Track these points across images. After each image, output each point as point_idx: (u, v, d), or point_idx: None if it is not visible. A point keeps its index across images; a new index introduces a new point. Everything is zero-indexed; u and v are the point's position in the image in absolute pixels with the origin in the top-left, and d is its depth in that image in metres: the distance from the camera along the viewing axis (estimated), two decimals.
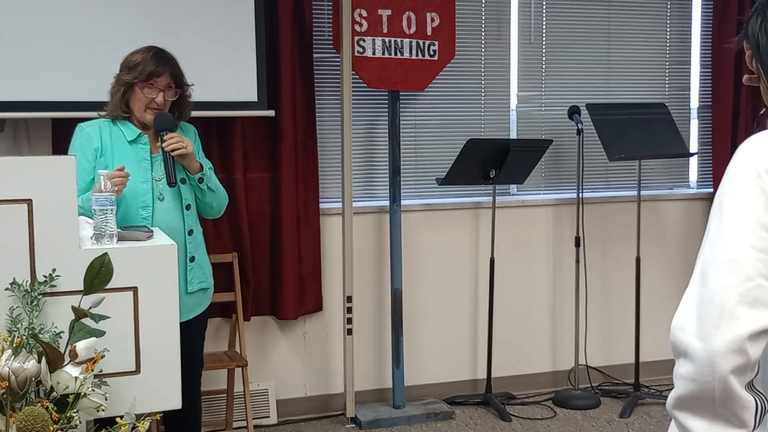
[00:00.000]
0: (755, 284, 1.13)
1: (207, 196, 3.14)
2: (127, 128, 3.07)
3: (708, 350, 1.12)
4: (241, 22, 4.02)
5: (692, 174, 5.20)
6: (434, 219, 4.66)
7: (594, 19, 4.90)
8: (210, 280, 3.25)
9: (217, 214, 3.29)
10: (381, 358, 4.60)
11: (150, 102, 3.04)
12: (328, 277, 4.47)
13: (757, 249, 1.14)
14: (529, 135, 4.81)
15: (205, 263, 3.21)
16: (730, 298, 1.13)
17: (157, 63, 3.03)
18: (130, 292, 2.32)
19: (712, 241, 1.18)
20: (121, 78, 3.06)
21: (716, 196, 1.21)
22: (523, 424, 4.36)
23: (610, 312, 4.97)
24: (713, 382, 1.11)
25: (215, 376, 4.20)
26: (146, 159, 3.06)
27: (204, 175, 3.10)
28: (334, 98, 4.40)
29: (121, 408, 2.21)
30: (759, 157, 1.18)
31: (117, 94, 3.06)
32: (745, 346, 1.11)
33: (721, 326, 1.12)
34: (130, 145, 3.05)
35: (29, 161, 2.43)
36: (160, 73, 3.04)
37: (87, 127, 3.07)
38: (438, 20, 4.41)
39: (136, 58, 3.06)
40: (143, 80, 3.02)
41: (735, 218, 1.16)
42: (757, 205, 1.16)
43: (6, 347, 2.06)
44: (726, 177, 1.21)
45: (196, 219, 3.17)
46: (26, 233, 2.23)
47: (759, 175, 1.17)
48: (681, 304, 1.19)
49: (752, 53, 1.31)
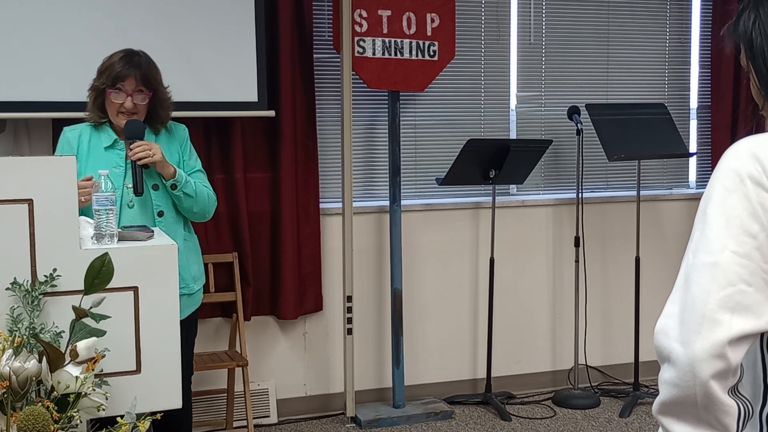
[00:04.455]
0: (737, 290, 1.13)
1: (184, 202, 3.05)
2: (105, 134, 3.04)
3: (689, 355, 1.12)
4: (241, 23, 4.02)
5: (692, 174, 5.21)
6: (434, 219, 4.67)
7: (594, 20, 4.91)
8: (193, 286, 3.16)
9: (202, 218, 3.20)
10: (381, 357, 4.61)
11: (120, 107, 2.99)
12: (328, 277, 4.47)
13: (740, 254, 1.14)
14: (528, 135, 4.82)
15: (185, 269, 3.07)
16: (712, 303, 1.13)
17: (122, 66, 2.97)
18: (130, 291, 2.32)
19: (695, 245, 1.18)
20: (93, 83, 3.04)
21: (701, 201, 1.21)
22: (523, 424, 4.36)
23: (610, 312, 4.97)
24: (695, 387, 1.11)
25: (215, 375, 4.21)
26: (120, 165, 3.01)
27: (177, 181, 3.01)
28: (334, 98, 4.40)
29: (121, 407, 2.22)
30: (743, 162, 1.18)
31: (91, 99, 3.04)
32: (725, 352, 1.11)
33: (702, 331, 1.12)
34: (106, 152, 3.02)
35: (30, 161, 2.43)
36: (125, 77, 2.97)
37: (69, 131, 3.06)
38: (438, 21, 4.41)
39: (105, 63, 3.02)
40: (110, 85, 2.98)
41: (718, 223, 1.16)
42: (740, 210, 1.16)
43: (7, 347, 2.07)
44: (711, 182, 1.21)
45: (174, 226, 3.07)
46: (27, 233, 2.23)
47: (742, 180, 1.17)
48: (665, 309, 1.19)
49: (744, 51, 1.30)
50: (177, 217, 3.11)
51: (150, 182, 3.01)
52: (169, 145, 3.12)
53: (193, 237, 3.24)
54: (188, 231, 3.20)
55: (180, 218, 3.13)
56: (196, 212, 3.12)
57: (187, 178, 3.06)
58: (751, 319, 1.13)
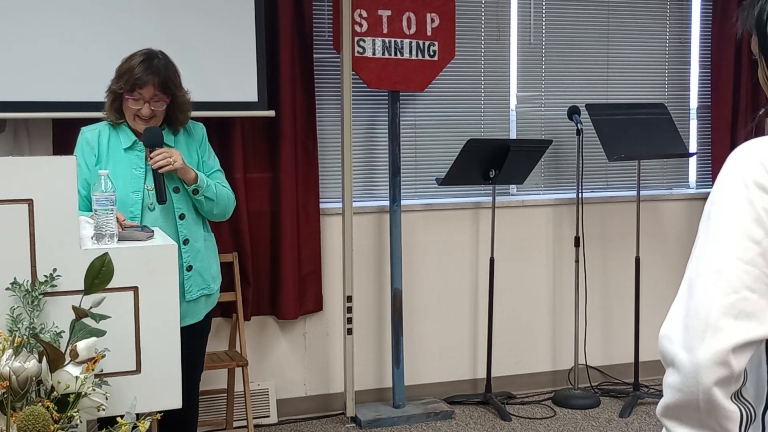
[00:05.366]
0: (740, 296, 1.13)
1: (205, 206, 3.06)
2: (124, 134, 3.03)
3: (693, 362, 1.12)
4: (241, 23, 4.02)
5: (691, 174, 5.21)
6: (434, 219, 4.67)
7: (594, 20, 4.91)
8: (213, 286, 3.18)
9: (222, 218, 3.22)
10: (381, 357, 4.61)
11: (137, 112, 2.97)
12: (328, 277, 4.47)
13: (744, 261, 1.14)
14: (528, 135, 4.82)
15: (205, 269, 3.12)
16: (715, 310, 1.12)
17: (141, 72, 2.93)
18: (130, 291, 2.32)
19: (699, 251, 1.18)
20: (111, 86, 3.01)
21: (705, 207, 1.21)
22: (523, 424, 4.36)
23: (610, 312, 4.98)
24: (698, 393, 1.11)
25: (215, 375, 4.21)
26: (140, 167, 3.00)
27: (199, 186, 3.01)
28: (334, 98, 4.40)
29: (121, 407, 2.22)
30: (747, 168, 1.17)
31: (108, 101, 3.02)
32: (728, 359, 1.11)
33: (705, 338, 1.12)
34: (125, 153, 3.01)
35: (30, 161, 2.44)
36: (143, 84, 2.93)
37: (87, 131, 3.05)
38: (438, 21, 4.41)
39: (124, 66, 2.98)
40: (128, 91, 2.95)
41: (722, 229, 1.16)
42: (744, 216, 1.15)
43: (7, 347, 2.07)
44: (715, 187, 1.20)
45: (195, 227, 3.09)
46: (27, 233, 2.23)
47: (746, 186, 1.16)
48: (669, 314, 1.19)
49: (757, 40, 1.28)
50: (197, 219, 3.12)
51: (171, 185, 3.01)
52: (188, 146, 3.12)
53: (211, 236, 3.25)
54: (207, 231, 3.21)
55: (200, 219, 3.14)
56: (216, 214, 3.14)
57: (208, 181, 3.06)
58: (754, 326, 1.12)
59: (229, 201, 3.18)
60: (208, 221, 3.23)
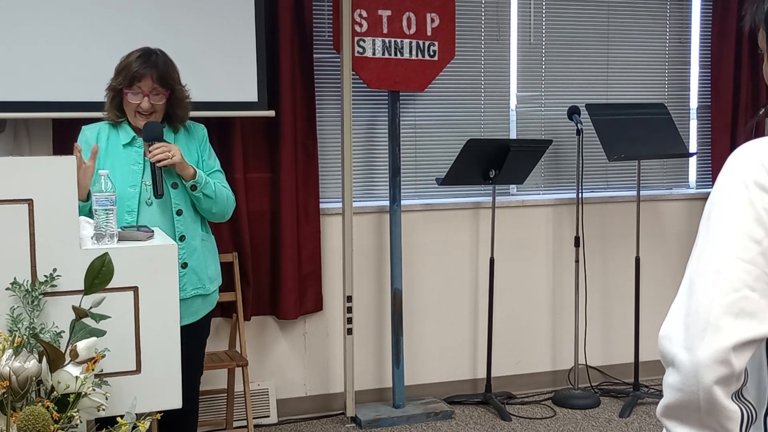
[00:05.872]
0: (741, 295, 1.13)
1: (203, 203, 3.06)
2: (123, 131, 3.04)
3: (693, 361, 1.12)
4: (241, 23, 4.02)
5: (692, 174, 5.21)
6: (434, 219, 4.67)
7: (593, 20, 4.91)
8: (210, 286, 3.17)
9: (221, 219, 3.21)
10: (381, 357, 4.61)
11: (137, 107, 2.99)
12: (328, 277, 4.47)
13: (744, 260, 1.14)
14: (528, 135, 4.82)
15: (202, 269, 3.11)
16: (716, 309, 1.12)
17: (139, 66, 2.96)
18: (130, 291, 2.32)
19: (699, 251, 1.18)
20: (111, 83, 3.04)
21: (705, 207, 1.21)
22: (523, 424, 4.36)
23: (610, 312, 4.98)
24: (698, 392, 1.11)
25: (215, 375, 4.21)
26: (138, 163, 3.01)
27: (197, 182, 3.01)
28: (334, 98, 4.40)
29: (121, 407, 2.22)
30: (747, 168, 1.18)
31: (108, 99, 3.04)
32: (729, 358, 1.11)
33: (705, 337, 1.12)
34: (124, 149, 3.02)
35: (30, 161, 2.44)
36: (141, 77, 2.96)
37: (87, 130, 3.06)
38: (438, 21, 4.41)
39: (123, 62, 3.02)
40: (127, 86, 2.98)
41: (722, 229, 1.16)
42: (744, 216, 1.15)
43: (7, 347, 2.07)
44: (715, 188, 1.20)
45: (192, 224, 3.08)
46: (27, 233, 2.23)
47: (747, 186, 1.16)
48: (669, 314, 1.19)
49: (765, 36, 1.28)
50: (195, 216, 3.11)
51: (169, 180, 3.01)
52: (188, 145, 3.12)
53: (211, 237, 3.24)
54: (206, 231, 3.20)
55: (198, 217, 3.13)
56: (215, 213, 3.13)
57: (206, 179, 3.06)
58: (755, 325, 1.12)
59: (229, 201, 3.18)
60: (208, 222, 3.22)
